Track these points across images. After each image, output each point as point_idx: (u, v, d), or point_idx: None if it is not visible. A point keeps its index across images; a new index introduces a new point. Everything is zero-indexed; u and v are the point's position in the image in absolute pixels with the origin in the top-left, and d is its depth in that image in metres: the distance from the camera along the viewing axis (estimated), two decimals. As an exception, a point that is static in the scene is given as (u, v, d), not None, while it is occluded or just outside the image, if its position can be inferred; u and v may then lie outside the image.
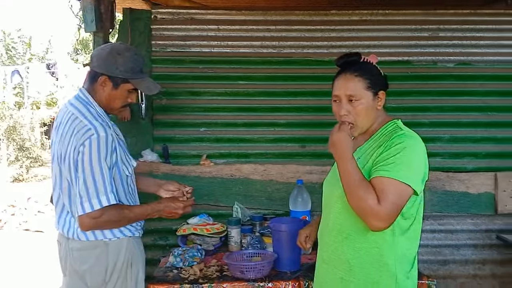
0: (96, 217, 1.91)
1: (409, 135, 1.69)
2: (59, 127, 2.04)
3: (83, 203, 1.90)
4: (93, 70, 2.07)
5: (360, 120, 1.73)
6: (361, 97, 1.71)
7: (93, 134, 1.91)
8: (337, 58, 1.80)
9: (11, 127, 12.50)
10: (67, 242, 2.05)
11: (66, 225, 2.04)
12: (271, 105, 3.26)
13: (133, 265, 2.08)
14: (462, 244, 3.27)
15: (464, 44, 3.28)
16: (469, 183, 3.20)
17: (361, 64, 1.75)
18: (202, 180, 3.14)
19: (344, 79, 1.74)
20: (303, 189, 2.74)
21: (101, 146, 1.92)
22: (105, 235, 2.01)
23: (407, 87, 3.25)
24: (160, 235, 3.14)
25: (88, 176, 1.90)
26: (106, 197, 1.92)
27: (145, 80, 2.14)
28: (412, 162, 1.62)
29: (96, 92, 2.07)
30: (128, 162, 2.12)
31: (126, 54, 2.07)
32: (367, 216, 1.60)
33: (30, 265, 5.50)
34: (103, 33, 3.01)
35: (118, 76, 2.04)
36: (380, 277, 1.69)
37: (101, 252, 2.01)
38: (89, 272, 2.02)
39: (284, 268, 2.33)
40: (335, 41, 3.24)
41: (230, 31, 3.24)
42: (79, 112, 2.00)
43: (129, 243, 2.07)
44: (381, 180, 1.61)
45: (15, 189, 10.52)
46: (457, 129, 3.28)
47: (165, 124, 3.23)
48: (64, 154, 1.96)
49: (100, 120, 1.99)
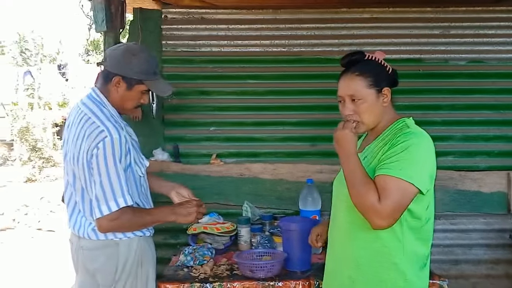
0: (114, 219, 1.92)
1: (415, 133, 1.67)
2: (71, 127, 2.05)
3: (100, 206, 1.91)
4: (106, 70, 2.06)
5: (366, 118, 1.73)
6: (363, 96, 1.70)
7: (106, 136, 1.91)
8: (341, 57, 1.79)
9: (24, 128, 12.61)
10: (78, 241, 2.07)
11: (77, 224, 2.05)
12: (280, 104, 3.25)
13: (143, 264, 2.08)
14: (475, 243, 3.23)
15: (476, 41, 3.25)
16: (481, 182, 3.17)
17: (363, 63, 1.73)
18: (212, 179, 3.14)
19: (345, 79, 1.74)
20: (313, 188, 2.73)
21: (115, 148, 1.92)
22: (116, 235, 2.01)
23: (419, 85, 3.22)
24: (171, 234, 3.15)
25: (104, 178, 1.90)
26: (123, 198, 1.92)
27: (159, 82, 2.14)
28: (417, 160, 1.60)
29: (110, 92, 2.06)
30: (141, 163, 2.13)
31: (141, 55, 2.07)
32: (368, 214, 1.60)
33: (42, 264, 5.55)
34: (113, 33, 3.02)
35: (133, 77, 2.04)
36: (388, 276, 1.68)
37: (112, 251, 2.02)
38: (99, 270, 2.03)
39: (294, 268, 2.32)
40: (346, 39, 3.22)
41: (240, 30, 3.24)
42: (92, 112, 2.00)
43: (140, 242, 2.07)
44: (383, 178, 1.60)
45: (28, 189, 10.62)
46: (469, 127, 3.25)
47: (176, 124, 3.24)
48: (77, 155, 1.96)
49: (112, 121, 1.99)
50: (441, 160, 3.13)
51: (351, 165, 1.65)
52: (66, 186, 2.10)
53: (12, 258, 5.87)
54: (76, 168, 1.99)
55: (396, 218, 1.60)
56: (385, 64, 1.76)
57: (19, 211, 8.42)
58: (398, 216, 1.60)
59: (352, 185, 1.63)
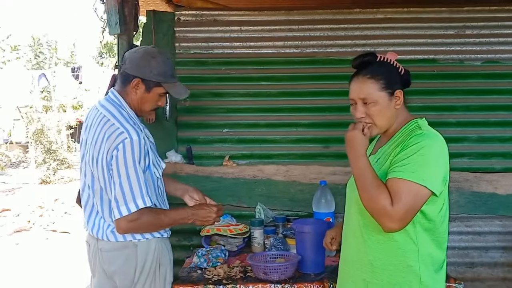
0: (133, 220, 1.93)
1: (428, 134, 1.65)
2: (90, 129, 2.06)
3: (119, 207, 1.92)
4: (125, 72, 2.08)
5: (378, 121, 1.72)
6: (375, 99, 1.69)
7: (126, 138, 1.93)
8: (353, 59, 1.78)
9: (38, 130, 12.74)
10: (96, 242, 2.08)
11: (95, 226, 2.06)
12: (293, 106, 3.24)
13: (161, 266, 2.09)
14: (491, 246, 3.18)
15: (491, 41, 3.20)
16: (497, 184, 3.12)
17: (375, 65, 1.72)
18: (225, 180, 3.14)
19: (357, 82, 1.73)
20: (326, 190, 2.72)
21: (134, 150, 1.93)
22: (134, 236, 2.03)
23: (433, 85, 3.19)
24: (184, 236, 3.16)
25: (124, 180, 1.92)
26: (142, 199, 1.94)
27: (176, 85, 2.16)
28: (429, 162, 1.59)
29: (128, 94, 2.09)
30: (158, 165, 2.15)
31: (159, 58, 2.09)
32: (379, 217, 1.59)
33: (57, 265, 5.59)
34: (127, 35, 3.04)
35: (151, 79, 2.06)
36: (403, 279, 1.66)
37: (130, 253, 2.03)
38: (118, 272, 2.04)
39: (308, 270, 2.31)
40: (359, 40, 3.20)
41: (253, 32, 3.23)
42: (111, 114, 2.02)
43: (158, 244, 2.08)
44: (395, 181, 1.59)
45: (42, 191, 10.73)
46: (484, 128, 3.20)
47: (189, 126, 3.25)
48: (97, 156, 1.98)
49: (131, 122, 2.01)
50: (456, 162, 3.11)
51: (361, 167, 1.64)
52: (83, 188, 2.11)
53: (27, 259, 5.93)
54: (95, 170, 2.00)
55: (408, 221, 1.59)
56: (397, 65, 1.75)
57: (34, 212, 8.51)
58: (410, 219, 1.58)
59: (363, 188, 1.63)
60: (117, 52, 3.10)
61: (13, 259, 5.93)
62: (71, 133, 15.00)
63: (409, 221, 1.58)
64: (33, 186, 11.66)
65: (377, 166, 1.73)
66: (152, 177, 2.08)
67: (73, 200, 5.86)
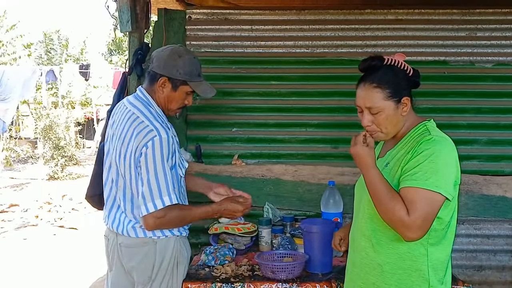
0: (160, 217, 1.96)
1: (437, 139, 1.64)
2: (118, 125, 2.08)
3: (146, 203, 1.95)
4: (152, 71, 2.12)
5: (384, 128, 1.71)
6: (381, 108, 1.68)
7: (155, 135, 1.95)
8: (360, 62, 1.76)
9: (47, 126, 12.82)
10: (115, 237, 2.10)
11: (116, 221, 2.09)
12: (303, 106, 3.23)
13: (179, 264, 2.12)
14: (499, 249, 3.17)
15: (503, 44, 3.18)
16: (507, 187, 3.10)
17: (382, 71, 1.69)
18: (234, 180, 3.14)
19: (363, 90, 1.71)
20: (335, 191, 2.72)
21: (163, 148, 1.96)
22: (154, 233, 2.05)
23: (444, 87, 3.17)
24: (192, 234, 3.13)
25: (152, 177, 1.94)
26: (168, 197, 1.96)
27: (203, 83, 2.19)
28: (441, 168, 1.58)
29: (155, 92, 2.12)
30: (182, 164, 2.17)
31: (186, 57, 2.12)
32: (398, 228, 1.59)
33: (64, 261, 5.63)
34: (138, 33, 3.06)
35: (178, 78, 2.09)
36: (412, 283, 1.66)
37: (149, 250, 2.05)
38: (136, 268, 2.07)
39: (315, 270, 2.31)
40: (370, 41, 3.19)
41: (263, 31, 3.23)
42: (140, 112, 2.04)
43: (177, 242, 2.10)
44: (409, 190, 1.58)
45: (50, 187, 10.80)
46: (495, 131, 3.18)
47: (198, 124, 3.25)
48: (125, 153, 2.00)
49: (160, 121, 2.03)
50: (466, 164, 3.09)
51: (372, 179, 1.64)
52: (106, 183, 2.14)
53: (35, 254, 5.97)
54: (122, 166, 2.02)
55: (427, 229, 1.58)
56: (406, 67, 1.72)
57: (42, 208, 8.57)
58: (428, 227, 1.58)
59: (378, 201, 1.62)
60: (128, 50, 3.11)
61: (21, 254, 5.98)
62: (80, 130, 15.08)
63: (428, 228, 1.58)
64: (41, 182, 11.73)
65: (387, 170, 1.72)
66: (177, 176, 2.10)
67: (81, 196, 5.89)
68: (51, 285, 4.82)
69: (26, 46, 15.54)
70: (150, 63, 2.15)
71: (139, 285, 2.08)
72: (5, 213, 8.32)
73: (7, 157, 13.77)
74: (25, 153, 15.73)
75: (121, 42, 19.24)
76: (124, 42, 17.39)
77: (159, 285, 2.06)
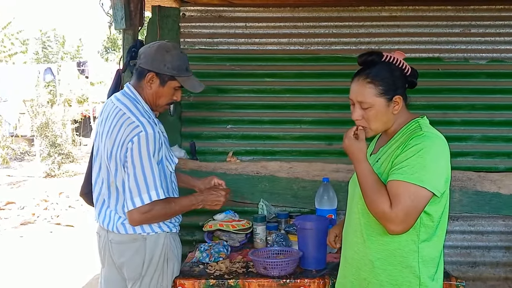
0: (146, 212, 1.96)
1: (428, 135, 1.64)
2: (106, 122, 2.08)
3: (133, 198, 1.95)
4: (140, 67, 2.11)
5: (373, 125, 1.72)
6: (371, 104, 1.69)
7: (141, 131, 1.95)
8: (358, 55, 1.77)
9: (44, 124, 12.79)
10: (106, 234, 2.11)
11: (106, 218, 2.09)
12: (297, 103, 3.24)
13: (169, 260, 2.12)
14: (493, 246, 3.18)
15: (497, 40, 3.19)
16: (501, 184, 3.11)
17: (378, 67, 1.69)
18: (228, 177, 3.14)
19: (357, 84, 1.72)
20: (329, 187, 2.73)
21: (149, 143, 1.96)
22: (144, 229, 2.05)
23: (438, 84, 3.18)
24: (187, 231, 3.17)
25: (138, 171, 1.94)
26: (156, 191, 1.96)
27: (191, 78, 2.18)
28: (428, 164, 1.58)
29: (143, 88, 2.11)
30: (171, 159, 2.17)
31: (174, 52, 2.11)
32: (381, 220, 1.61)
33: (61, 258, 5.63)
34: (132, 30, 3.04)
35: (166, 73, 2.08)
36: (403, 279, 1.67)
37: (139, 246, 2.06)
38: (126, 264, 2.07)
39: (309, 266, 2.32)
40: (364, 38, 3.19)
41: (258, 28, 3.23)
42: (126, 108, 2.04)
43: (167, 238, 2.10)
44: (394, 183, 1.59)
45: (47, 184, 10.78)
46: (489, 128, 3.19)
47: (193, 121, 3.26)
48: (111, 149, 2.00)
49: (146, 116, 2.03)
50: (460, 161, 3.10)
51: (361, 172, 1.67)
52: (97, 180, 2.14)
53: (31, 251, 5.96)
54: (110, 163, 2.02)
55: (411, 223, 1.58)
56: (404, 66, 1.72)
57: (39, 206, 8.56)
58: (412, 221, 1.58)
59: (365, 192, 1.64)
60: (122, 47, 3.10)
61: (18, 252, 5.97)
62: (76, 127, 15.06)
63: (412, 223, 1.58)
64: (38, 179, 11.71)
65: (377, 165, 1.73)
66: (164, 171, 2.10)
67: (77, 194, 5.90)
68: (48, 282, 4.82)
69: (22, 43, 15.48)
70: (137, 59, 2.14)
71: (130, 281, 2.09)
72: (1, 210, 8.31)
73: (3, 154, 13.74)
74: (21, 151, 15.70)
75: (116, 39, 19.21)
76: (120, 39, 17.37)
77: (149, 281, 2.07)
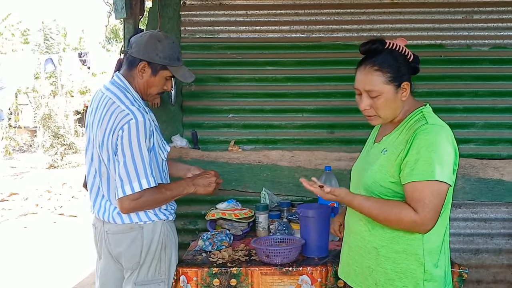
0: (136, 199, 1.95)
1: (434, 128, 1.63)
2: (96, 112, 2.08)
3: (123, 185, 1.94)
4: (131, 56, 2.10)
5: (382, 113, 1.71)
6: (380, 92, 1.67)
7: (131, 118, 1.95)
8: (360, 44, 1.75)
9: (46, 115, 12.81)
10: (102, 225, 2.10)
11: (101, 209, 2.09)
12: (299, 91, 3.22)
13: (166, 248, 2.12)
14: (496, 233, 3.18)
15: (499, 26, 3.16)
16: (503, 171, 3.11)
17: (383, 55, 1.68)
18: (230, 166, 3.15)
19: (363, 73, 1.70)
20: (331, 176, 2.72)
21: (140, 130, 1.95)
22: (140, 218, 2.05)
23: (440, 71, 3.16)
24: (190, 220, 3.18)
25: (128, 159, 1.94)
26: (146, 179, 1.96)
27: (182, 68, 2.18)
28: (442, 157, 1.58)
29: (134, 77, 2.10)
30: (164, 147, 2.16)
31: (166, 41, 2.10)
32: (412, 229, 1.61)
33: (65, 248, 5.66)
34: (133, 19, 3.03)
35: (158, 62, 2.07)
36: (407, 267, 1.67)
37: (136, 235, 2.06)
38: (123, 254, 2.07)
39: (311, 254, 2.32)
40: (365, 24, 3.16)
41: (259, 16, 3.21)
42: (116, 97, 2.03)
43: (163, 226, 2.11)
44: (416, 185, 1.58)
45: (50, 175, 10.82)
46: (492, 114, 3.17)
47: (194, 110, 3.25)
48: (102, 138, 2.00)
49: (136, 105, 2.02)
50: (463, 148, 3.09)
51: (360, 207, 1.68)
52: (89, 171, 2.13)
53: (35, 242, 6.00)
54: (102, 152, 2.02)
55: (438, 217, 1.61)
56: (407, 52, 1.72)
57: (42, 196, 8.60)
58: (438, 215, 1.60)
59: (380, 218, 1.65)
60: (123, 37, 3.09)
61: (21, 242, 6.01)
62: (78, 118, 15.07)
63: (438, 216, 1.60)
64: (41, 170, 11.76)
65: (385, 157, 1.71)
66: (156, 159, 2.09)
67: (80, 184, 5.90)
68: (52, 272, 4.86)
69: (23, 33, 15.44)
70: (129, 48, 2.13)
71: (127, 271, 2.09)
72: (5, 201, 8.36)
73: (6, 146, 13.78)
74: (24, 142, 15.74)
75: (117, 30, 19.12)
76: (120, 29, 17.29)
77: (147, 269, 2.07)
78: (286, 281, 2.19)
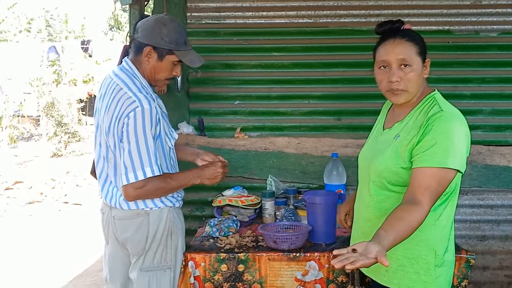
0: (140, 187, 1.95)
1: (448, 116, 1.61)
2: (104, 98, 2.07)
3: (127, 173, 1.94)
4: (138, 41, 2.08)
5: (411, 87, 1.68)
6: (413, 62, 1.65)
7: (137, 106, 1.93)
8: (378, 24, 1.74)
9: (50, 104, 12.78)
10: (110, 211, 2.11)
11: (109, 195, 2.09)
12: (306, 77, 3.20)
13: (173, 234, 2.11)
14: (503, 219, 3.18)
15: (508, 12, 3.13)
16: (510, 157, 3.10)
17: (406, 31, 1.70)
18: (237, 153, 3.15)
19: (394, 44, 1.67)
20: (338, 163, 2.71)
21: (145, 118, 1.93)
22: (147, 205, 2.05)
23: (448, 57, 3.14)
24: (197, 206, 3.18)
25: (133, 147, 1.93)
26: (150, 168, 1.95)
27: (190, 52, 2.14)
28: (457, 145, 1.57)
29: (141, 63, 2.08)
30: (171, 135, 2.15)
31: (171, 25, 2.07)
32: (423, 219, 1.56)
33: (69, 236, 5.69)
34: (139, 5, 3.02)
35: (163, 47, 2.05)
36: (419, 252, 1.67)
37: (142, 221, 2.05)
38: (130, 240, 2.07)
39: (319, 240, 2.32)
40: (373, 10, 3.13)
41: (265, 1, 3.18)
42: (123, 83, 2.02)
43: (170, 213, 2.10)
44: (425, 171, 1.56)
45: (54, 164, 10.83)
46: (499, 101, 3.15)
47: (200, 97, 3.24)
48: (109, 124, 1.99)
49: (144, 92, 2.01)
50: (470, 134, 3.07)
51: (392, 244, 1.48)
52: (98, 158, 2.13)
53: (41, 230, 6.03)
54: (109, 138, 2.01)
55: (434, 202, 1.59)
56: None
57: (46, 185, 8.62)
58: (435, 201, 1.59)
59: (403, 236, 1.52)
60: (129, 22, 3.07)
61: (27, 230, 6.04)
62: (82, 107, 15.06)
63: None
64: (45, 159, 11.76)
65: (397, 144, 1.69)
66: (163, 147, 2.08)
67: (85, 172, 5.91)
68: (57, 259, 4.88)
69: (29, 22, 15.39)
70: (135, 33, 2.11)
71: (133, 256, 2.10)
72: (10, 190, 8.38)
73: (10, 134, 13.79)
74: (28, 131, 15.75)
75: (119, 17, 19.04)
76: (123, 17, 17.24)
77: (153, 255, 2.07)
78: (294, 267, 2.20)
